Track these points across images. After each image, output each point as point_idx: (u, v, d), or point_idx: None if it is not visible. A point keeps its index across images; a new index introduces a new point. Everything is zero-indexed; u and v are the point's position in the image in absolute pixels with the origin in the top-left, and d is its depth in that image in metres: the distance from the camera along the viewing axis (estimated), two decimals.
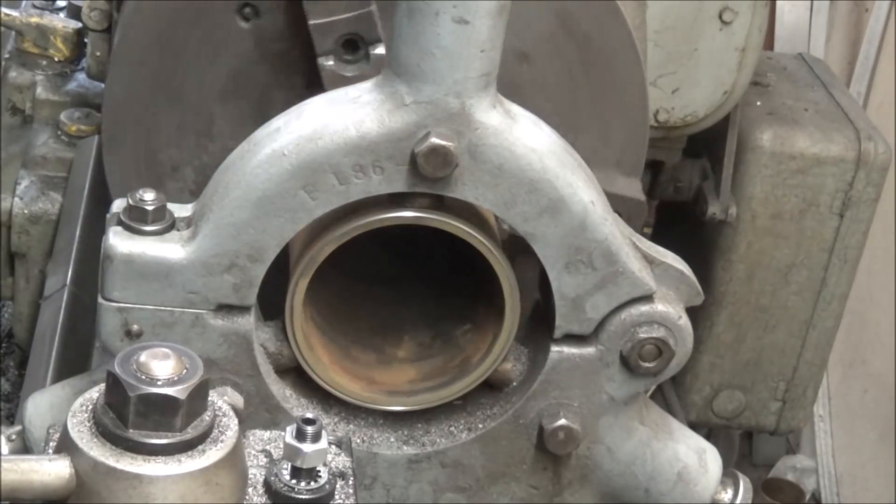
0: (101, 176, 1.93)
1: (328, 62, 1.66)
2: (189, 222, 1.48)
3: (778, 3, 3.21)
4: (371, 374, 1.62)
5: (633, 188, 1.75)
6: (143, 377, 0.98)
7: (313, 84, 1.68)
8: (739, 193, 2.21)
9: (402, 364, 1.62)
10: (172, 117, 1.77)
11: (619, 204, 1.71)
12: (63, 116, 2.52)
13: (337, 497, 1.08)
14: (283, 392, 1.56)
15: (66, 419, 1.01)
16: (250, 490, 1.07)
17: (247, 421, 1.47)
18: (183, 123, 1.77)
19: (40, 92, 2.59)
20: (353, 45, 1.67)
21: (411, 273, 1.73)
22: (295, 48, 1.69)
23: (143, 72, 1.75)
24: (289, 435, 1.07)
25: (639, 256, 1.55)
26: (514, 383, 1.62)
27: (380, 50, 1.66)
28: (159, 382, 0.98)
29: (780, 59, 2.53)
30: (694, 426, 2.23)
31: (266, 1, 1.71)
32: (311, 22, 1.65)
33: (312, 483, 1.07)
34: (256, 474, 1.09)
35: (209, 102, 1.76)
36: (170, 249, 1.46)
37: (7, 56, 2.68)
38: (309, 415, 1.08)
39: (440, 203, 1.50)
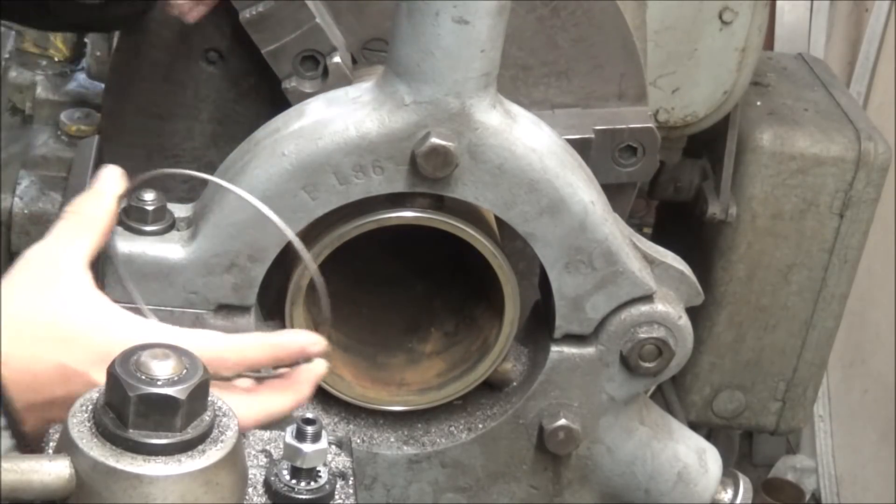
0: None
1: (291, 83, 1.68)
2: (189, 222, 1.48)
3: (778, 3, 3.21)
4: (402, 376, 1.62)
5: (642, 117, 1.75)
6: (143, 377, 0.98)
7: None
8: (739, 193, 2.21)
9: (430, 359, 1.62)
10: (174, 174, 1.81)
11: (631, 136, 1.71)
12: (63, 116, 2.52)
13: (337, 497, 1.08)
14: None
15: (66, 419, 1.01)
16: (250, 490, 1.07)
17: None
18: (185, 176, 1.80)
19: (40, 92, 2.59)
20: (313, 60, 1.68)
21: (412, 272, 1.73)
22: (264, 79, 1.71)
23: (132, 140, 1.78)
24: (289, 435, 1.07)
25: (639, 256, 1.55)
26: (514, 383, 1.62)
27: (336, 58, 1.67)
28: (159, 382, 0.98)
29: (780, 59, 2.53)
30: (694, 426, 2.23)
31: (225, 41, 1.73)
32: (264, 51, 1.67)
33: (312, 483, 1.07)
34: (256, 474, 1.09)
35: (204, 151, 1.79)
36: (170, 249, 1.46)
37: (7, 56, 2.68)
38: (309, 415, 1.08)
39: (440, 203, 1.50)
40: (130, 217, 1.46)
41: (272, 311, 1.57)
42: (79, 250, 1.25)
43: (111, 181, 1.30)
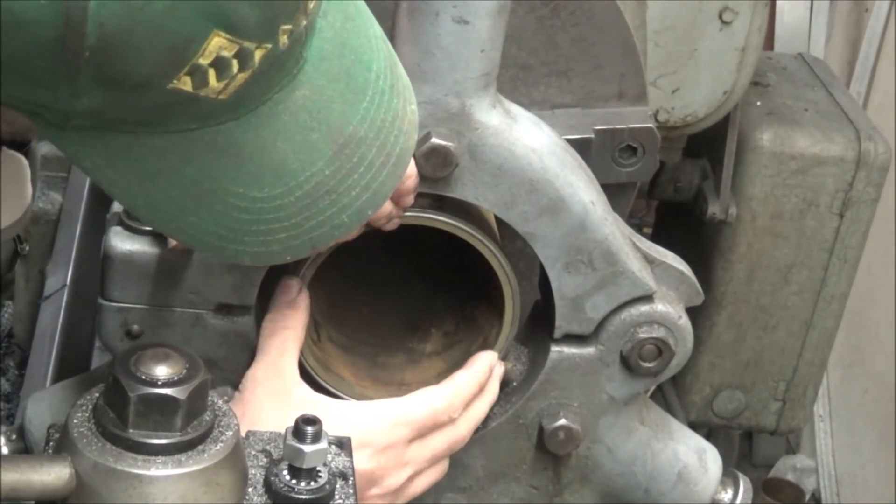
0: None
1: None
2: None
3: (778, 3, 3.21)
4: (402, 376, 1.62)
5: (642, 117, 1.75)
6: (143, 377, 0.98)
7: None
8: (739, 193, 2.21)
9: (430, 358, 1.62)
10: None
11: (631, 136, 1.71)
12: None
13: (337, 497, 1.08)
14: None
15: (66, 419, 1.01)
16: (250, 490, 1.07)
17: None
18: None
19: None
20: None
21: (412, 272, 1.73)
22: None
23: None
24: (289, 435, 1.07)
25: (639, 256, 1.55)
26: (514, 383, 1.62)
27: None
28: (159, 382, 0.98)
29: (780, 59, 2.52)
30: (694, 426, 2.22)
31: None
32: None
33: (312, 483, 1.07)
34: (256, 474, 1.09)
35: None
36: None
37: None
38: (309, 415, 1.08)
39: (440, 203, 1.50)
40: (131, 216, 1.46)
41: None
42: (292, 361, 1.46)
43: (299, 292, 1.49)
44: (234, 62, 0.92)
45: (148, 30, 0.87)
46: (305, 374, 1.56)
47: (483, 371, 1.54)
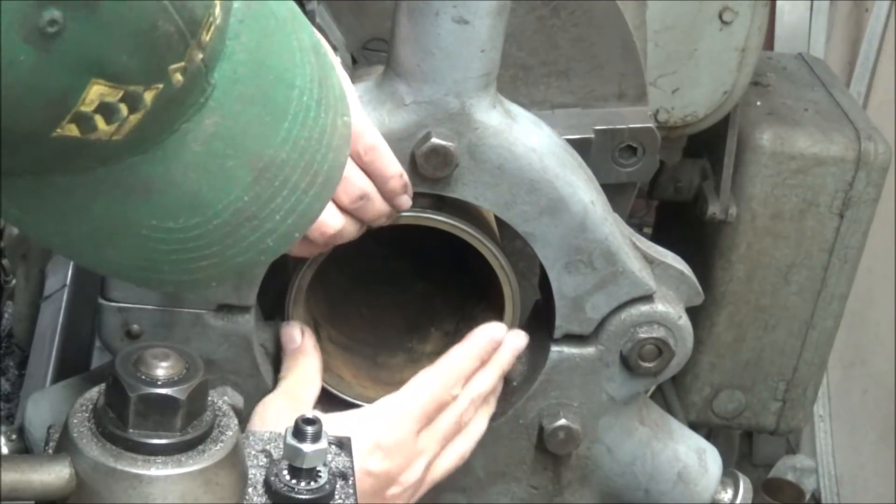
0: None
1: None
2: None
3: (778, 3, 3.21)
4: (402, 376, 1.62)
5: (642, 117, 1.75)
6: (143, 377, 0.98)
7: None
8: (739, 193, 2.21)
9: (430, 358, 1.63)
10: None
11: (631, 136, 1.71)
12: None
13: (337, 497, 1.08)
14: None
15: (66, 419, 1.01)
16: (250, 490, 1.07)
17: (247, 421, 1.48)
18: None
19: None
20: None
21: (412, 272, 1.73)
22: None
23: None
24: (289, 435, 1.07)
25: (639, 256, 1.55)
26: (514, 383, 1.62)
27: (336, 58, 1.66)
28: (159, 382, 0.98)
29: (780, 59, 2.52)
30: (694, 426, 2.22)
31: None
32: None
33: (312, 483, 1.07)
34: (256, 474, 1.09)
35: None
36: None
37: None
38: (309, 415, 1.08)
39: (440, 203, 1.50)
40: None
41: (271, 311, 1.57)
42: (309, 391, 1.52)
43: (303, 335, 1.53)
44: (122, 106, 0.89)
45: (17, 90, 0.83)
46: None
47: (481, 345, 1.53)
